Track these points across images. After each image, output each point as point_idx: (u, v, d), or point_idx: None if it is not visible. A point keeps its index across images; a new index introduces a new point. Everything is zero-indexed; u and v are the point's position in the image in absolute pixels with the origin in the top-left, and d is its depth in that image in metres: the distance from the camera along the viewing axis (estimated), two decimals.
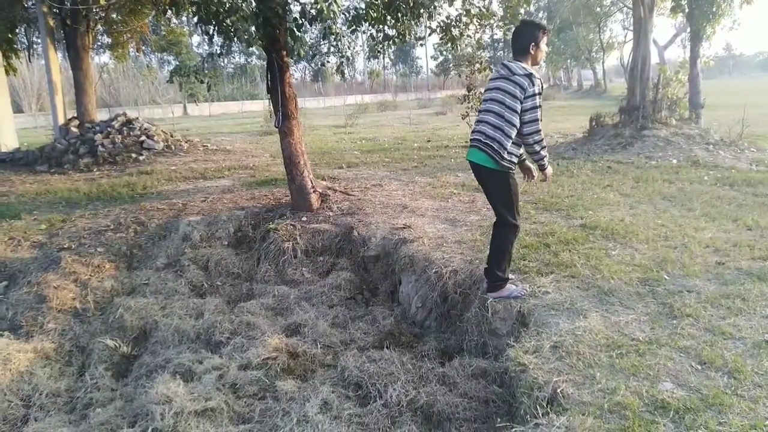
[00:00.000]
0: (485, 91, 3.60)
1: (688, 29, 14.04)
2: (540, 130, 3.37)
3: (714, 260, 4.13)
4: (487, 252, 4.26)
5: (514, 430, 2.46)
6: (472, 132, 3.59)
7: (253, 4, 5.56)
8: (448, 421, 2.98)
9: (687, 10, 13.06)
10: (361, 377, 3.33)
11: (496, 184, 3.55)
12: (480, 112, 3.58)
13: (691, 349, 2.89)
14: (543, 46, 3.47)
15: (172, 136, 12.17)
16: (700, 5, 12.49)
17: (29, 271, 5.23)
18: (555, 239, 4.76)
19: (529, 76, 3.31)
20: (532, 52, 3.42)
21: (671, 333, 3.07)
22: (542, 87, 3.39)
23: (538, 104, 3.32)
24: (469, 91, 12.26)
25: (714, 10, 12.40)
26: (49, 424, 3.24)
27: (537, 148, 3.42)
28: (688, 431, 2.27)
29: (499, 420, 2.83)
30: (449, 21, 7.49)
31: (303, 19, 5.63)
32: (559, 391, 2.61)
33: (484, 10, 7.62)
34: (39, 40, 12.62)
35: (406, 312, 4.71)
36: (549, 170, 3.63)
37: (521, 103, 3.30)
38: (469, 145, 3.60)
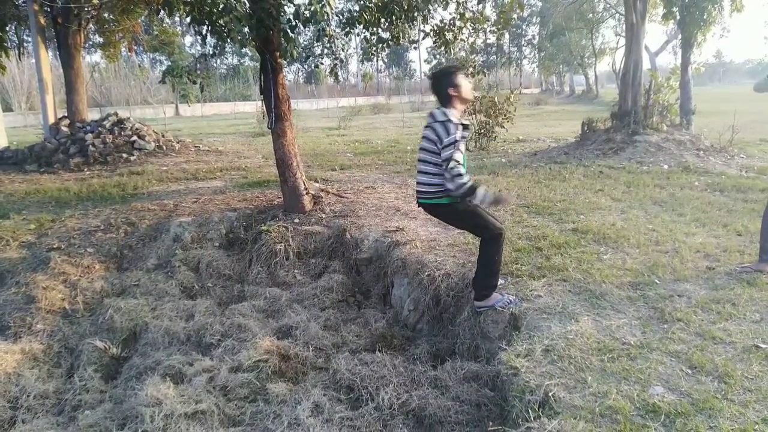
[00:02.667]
0: None
1: (680, 36, 14.18)
2: (454, 159, 3.18)
3: (704, 265, 4.16)
4: (474, 258, 4.30)
5: None
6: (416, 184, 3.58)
7: (247, 4, 5.55)
8: (439, 425, 2.97)
9: (678, 17, 13.18)
10: (352, 380, 3.31)
11: (455, 215, 3.57)
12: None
13: (681, 354, 2.90)
14: (463, 82, 3.39)
15: (163, 136, 12.10)
16: (691, 12, 12.62)
17: (18, 272, 5.17)
18: (547, 243, 4.77)
19: (445, 123, 3.27)
20: (454, 94, 3.36)
21: (662, 337, 3.08)
22: (465, 131, 3.35)
23: (453, 150, 3.20)
24: None
25: (705, 17, 12.53)
26: (37, 427, 3.19)
27: (455, 182, 3.21)
28: None
29: (491, 423, 2.83)
30: (443, 24, 7.53)
31: (296, 21, 5.62)
32: (550, 394, 2.61)
33: (477, 14, 7.67)
34: (29, 38, 12.46)
35: (398, 315, 4.71)
36: (480, 192, 3.26)
37: (440, 149, 3.28)
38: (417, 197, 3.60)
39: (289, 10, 5.97)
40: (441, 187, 3.37)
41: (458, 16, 7.49)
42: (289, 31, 5.76)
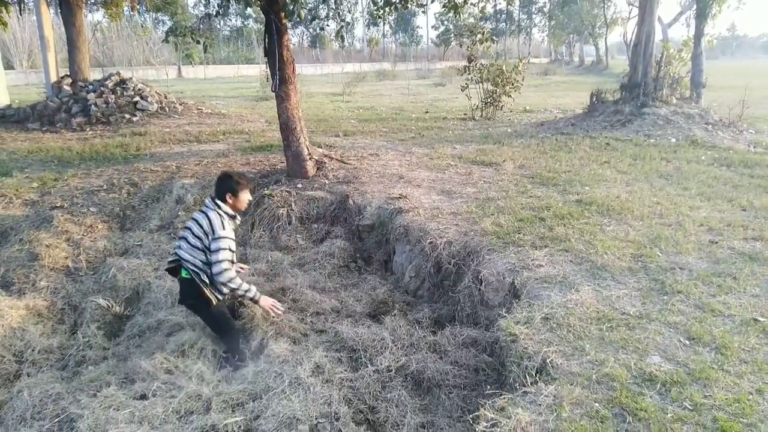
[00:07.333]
0: None
1: (694, 7, 13.81)
2: (225, 271, 3.27)
3: (707, 239, 4.15)
4: (477, 227, 4.30)
5: (502, 397, 2.49)
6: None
7: None
8: (437, 388, 3.02)
9: None
10: (353, 343, 3.35)
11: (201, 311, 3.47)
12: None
13: (680, 325, 2.92)
14: (243, 196, 3.51)
15: (166, 97, 11.98)
16: None
17: (21, 229, 5.20)
18: (550, 213, 4.76)
19: (213, 216, 3.33)
20: (230, 201, 3.46)
21: (662, 309, 3.10)
22: (234, 230, 3.43)
23: (222, 247, 3.28)
24: (469, 63, 12.09)
25: None
26: (42, 380, 3.25)
27: (231, 287, 3.34)
28: (673, 403, 2.31)
29: (488, 387, 2.87)
30: None
31: None
32: (548, 361, 2.64)
33: None
34: None
35: (400, 281, 4.73)
36: (262, 301, 3.52)
37: (207, 241, 3.31)
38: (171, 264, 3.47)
39: None
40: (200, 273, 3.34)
41: None
42: None
